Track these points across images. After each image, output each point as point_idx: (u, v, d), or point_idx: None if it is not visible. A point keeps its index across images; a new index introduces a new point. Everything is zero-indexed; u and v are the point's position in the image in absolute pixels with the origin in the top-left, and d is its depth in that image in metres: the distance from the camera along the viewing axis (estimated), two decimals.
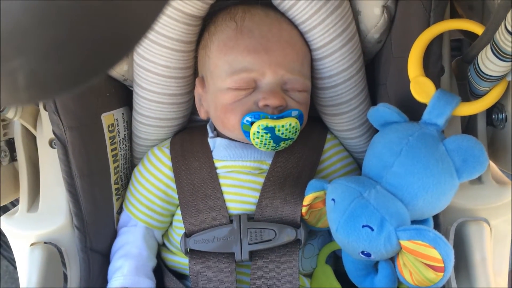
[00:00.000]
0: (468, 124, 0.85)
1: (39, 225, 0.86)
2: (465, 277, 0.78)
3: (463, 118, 0.84)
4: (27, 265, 0.83)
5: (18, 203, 1.02)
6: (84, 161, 0.84)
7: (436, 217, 0.76)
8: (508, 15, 0.58)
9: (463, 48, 1.08)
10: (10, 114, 0.83)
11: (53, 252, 0.85)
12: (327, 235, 0.90)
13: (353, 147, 0.93)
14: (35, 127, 0.89)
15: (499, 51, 0.62)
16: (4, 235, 1.73)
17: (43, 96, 0.25)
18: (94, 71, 0.25)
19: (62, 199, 0.86)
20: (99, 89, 0.88)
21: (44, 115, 0.87)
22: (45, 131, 0.88)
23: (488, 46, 0.66)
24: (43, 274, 0.82)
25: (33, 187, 0.89)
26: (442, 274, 0.66)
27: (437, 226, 0.77)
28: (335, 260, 0.91)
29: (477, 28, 0.72)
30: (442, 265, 0.66)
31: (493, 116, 0.80)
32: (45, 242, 0.86)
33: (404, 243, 0.68)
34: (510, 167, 0.78)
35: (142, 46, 0.83)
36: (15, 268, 1.91)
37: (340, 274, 0.85)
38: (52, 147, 0.88)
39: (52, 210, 0.86)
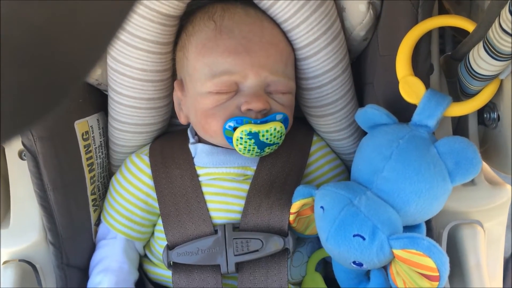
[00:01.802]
0: (459, 124, 0.82)
1: (11, 242, 0.81)
2: (459, 283, 0.76)
3: (454, 118, 0.82)
4: (0, 285, 0.78)
5: None
6: (57, 173, 0.79)
7: (428, 221, 0.74)
8: (503, 13, 0.55)
9: (446, 45, 1.05)
10: None
11: (27, 270, 0.80)
12: (316, 241, 0.87)
13: (341, 148, 0.89)
14: None
15: (492, 50, 0.59)
16: None
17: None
18: (33, 118, 0.21)
19: (34, 213, 0.81)
20: (71, 95, 0.83)
21: None
22: (13, 142, 0.82)
23: (481, 45, 0.63)
24: None
25: (3, 202, 0.84)
26: (437, 283, 0.64)
27: (429, 231, 0.74)
28: (325, 266, 0.88)
29: (467, 25, 0.69)
30: (437, 274, 0.63)
31: (485, 115, 0.78)
32: (18, 260, 0.81)
33: (397, 252, 0.65)
34: (503, 167, 0.76)
35: (115, 48, 0.79)
36: None
37: (331, 280, 0.82)
38: (22, 158, 0.82)
39: (24, 225, 0.81)
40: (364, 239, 0.66)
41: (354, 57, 0.89)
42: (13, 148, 0.82)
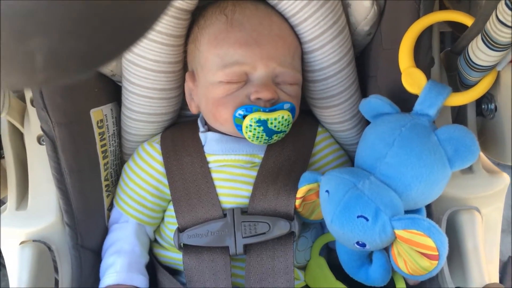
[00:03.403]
0: (458, 115, 0.86)
1: (29, 223, 0.84)
2: (458, 265, 0.79)
3: (453, 109, 0.85)
4: (17, 264, 0.81)
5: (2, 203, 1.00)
6: (73, 158, 0.83)
7: (428, 207, 0.77)
8: (499, 5, 0.59)
9: (445, 41, 1.09)
10: None
11: (43, 250, 0.84)
12: (320, 227, 0.90)
13: (345, 139, 0.93)
14: (22, 124, 0.87)
15: (490, 41, 0.63)
16: None
17: (59, 77, 0.25)
18: (112, 52, 0.25)
19: (51, 196, 0.84)
20: (88, 84, 0.87)
21: (32, 111, 0.85)
22: (32, 128, 0.86)
23: (479, 37, 0.66)
24: (33, 273, 0.80)
25: (21, 185, 0.88)
26: (436, 262, 0.67)
27: (429, 216, 0.77)
28: (328, 253, 0.91)
29: (466, 19, 0.73)
30: (437, 253, 0.67)
31: (483, 107, 0.81)
32: (33, 240, 0.84)
33: (398, 232, 0.68)
34: (500, 156, 0.79)
35: None
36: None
37: (333, 266, 0.85)
38: (40, 143, 0.86)
39: (41, 207, 0.85)
40: (367, 220, 0.69)
41: (358, 52, 0.92)
42: (32, 133, 0.86)
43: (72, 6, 0.21)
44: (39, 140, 0.86)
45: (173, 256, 0.87)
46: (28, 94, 0.85)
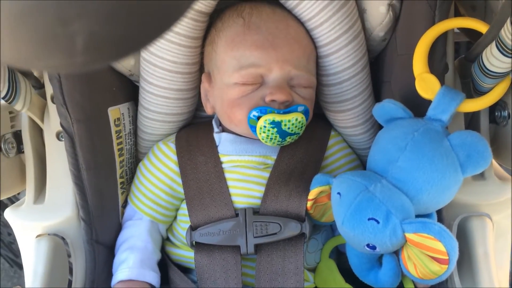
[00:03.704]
0: (471, 122, 0.86)
1: (45, 216, 0.86)
2: (467, 271, 0.79)
3: (466, 116, 0.85)
4: (33, 256, 0.83)
5: (16, 200, 1.02)
6: (91, 154, 0.85)
7: (439, 212, 0.77)
8: None
9: (460, 50, 1.10)
10: (18, 106, 0.83)
11: (59, 243, 0.85)
12: (330, 230, 0.91)
13: (357, 143, 0.94)
14: (42, 120, 0.89)
15: (504, 48, 0.64)
16: (1, 233, 1.72)
17: (97, 61, 0.26)
18: (147, 37, 0.26)
19: (68, 191, 0.86)
20: (106, 83, 0.89)
21: (52, 108, 0.88)
22: (52, 124, 0.88)
23: (493, 43, 0.67)
24: (49, 266, 0.82)
25: (39, 179, 0.90)
26: (446, 266, 0.67)
27: (440, 221, 0.77)
28: (338, 255, 0.92)
29: (481, 27, 0.73)
30: (447, 257, 0.67)
31: (496, 114, 0.81)
32: (49, 234, 0.86)
33: (409, 235, 0.69)
34: None
35: None
36: (11, 266, 1.90)
37: (343, 269, 0.86)
38: (59, 139, 0.88)
39: (58, 202, 0.87)
40: (378, 222, 0.70)
41: (372, 57, 0.93)
42: (52, 129, 0.88)
43: None
44: (58, 136, 0.88)
45: (184, 254, 0.89)
46: (49, 91, 0.87)
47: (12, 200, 1.42)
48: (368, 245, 0.72)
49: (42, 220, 0.86)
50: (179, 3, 0.26)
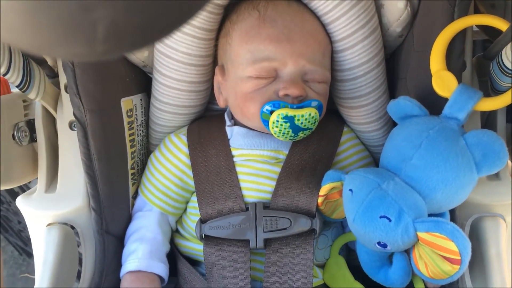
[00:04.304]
0: (487, 121, 0.85)
1: (57, 205, 0.87)
2: (479, 271, 0.78)
3: (483, 115, 0.84)
4: (44, 245, 0.83)
5: (27, 188, 1.03)
6: (102, 144, 0.85)
7: (452, 212, 0.76)
8: None
9: (476, 49, 1.08)
10: (31, 95, 0.83)
11: (69, 232, 0.86)
12: (340, 226, 0.90)
13: (370, 140, 0.93)
14: (55, 109, 0.90)
15: None
16: (11, 221, 1.74)
17: (117, 49, 0.26)
18: (169, 26, 0.26)
19: (80, 181, 0.87)
20: (119, 74, 0.89)
21: (65, 97, 0.88)
22: (65, 114, 0.88)
23: None
24: (59, 254, 0.82)
25: (51, 168, 0.90)
26: (458, 266, 0.67)
27: (453, 221, 0.76)
28: (347, 252, 0.91)
29: (501, 24, 0.72)
30: (459, 257, 0.66)
31: None
32: (60, 223, 0.86)
33: (421, 234, 0.68)
34: None
35: None
36: (20, 254, 1.92)
37: (352, 266, 0.85)
38: (71, 129, 0.88)
39: (69, 191, 0.87)
40: (390, 220, 0.69)
41: (388, 53, 0.92)
42: (65, 118, 0.88)
43: None
44: (71, 125, 0.88)
45: (194, 246, 0.89)
46: (63, 81, 0.88)
47: (23, 188, 1.43)
48: (379, 243, 0.71)
49: (53, 209, 0.86)
50: None
